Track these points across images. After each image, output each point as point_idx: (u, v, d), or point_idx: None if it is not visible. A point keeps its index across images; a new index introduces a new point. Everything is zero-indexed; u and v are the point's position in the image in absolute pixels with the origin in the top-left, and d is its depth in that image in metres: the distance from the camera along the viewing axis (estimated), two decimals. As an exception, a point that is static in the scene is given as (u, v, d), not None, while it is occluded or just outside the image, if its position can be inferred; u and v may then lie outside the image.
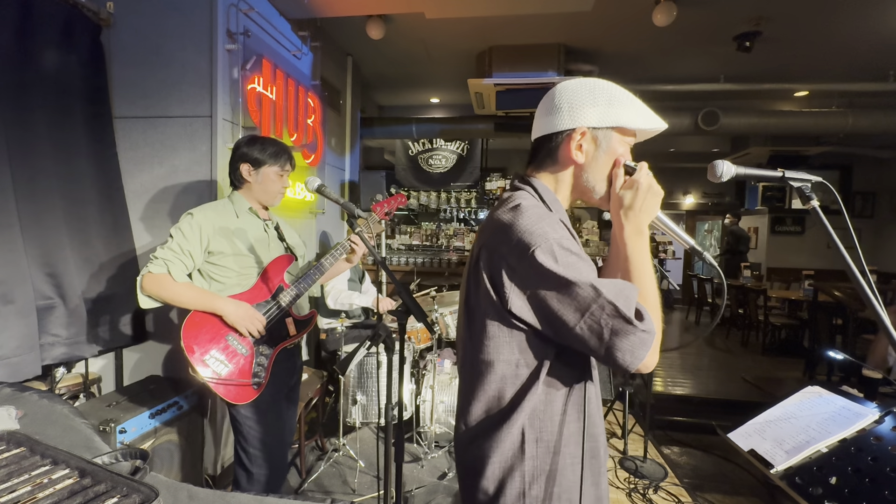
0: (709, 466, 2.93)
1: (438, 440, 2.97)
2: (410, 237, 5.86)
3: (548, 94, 0.94)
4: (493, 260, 0.83)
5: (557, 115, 0.90)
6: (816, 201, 0.82)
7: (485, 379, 0.86)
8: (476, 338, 0.87)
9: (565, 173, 0.93)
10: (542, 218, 0.82)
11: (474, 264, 0.87)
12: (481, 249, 0.85)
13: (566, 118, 0.89)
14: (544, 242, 0.78)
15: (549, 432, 0.85)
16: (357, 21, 3.62)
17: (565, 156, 0.91)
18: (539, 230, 0.80)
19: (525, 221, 0.81)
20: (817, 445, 1.04)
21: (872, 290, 0.76)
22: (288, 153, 1.81)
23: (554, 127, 0.91)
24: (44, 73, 1.94)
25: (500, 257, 0.82)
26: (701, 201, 8.79)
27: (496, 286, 0.82)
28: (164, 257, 1.62)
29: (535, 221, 0.81)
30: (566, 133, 0.90)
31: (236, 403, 1.67)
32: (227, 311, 1.65)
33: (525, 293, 0.80)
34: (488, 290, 0.83)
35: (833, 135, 5.45)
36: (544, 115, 0.92)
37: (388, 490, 1.57)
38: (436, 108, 6.41)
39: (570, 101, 0.89)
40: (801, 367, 4.78)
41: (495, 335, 0.84)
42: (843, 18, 3.58)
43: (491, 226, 0.87)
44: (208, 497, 0.81)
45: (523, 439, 0.84)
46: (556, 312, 0.78)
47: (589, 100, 0.89)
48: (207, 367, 1.61)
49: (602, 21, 3.61)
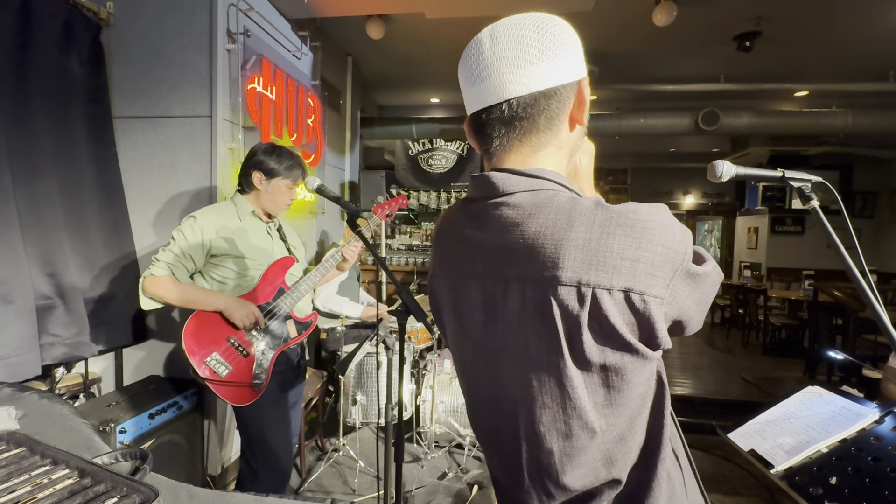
0: (709, 466, 2.93)
1: (438, 440, 2.97)
2: (410, 237, 5.86)
3: (515, 30, 0.62)
4: (632, 300, 0.57)
5: (559, 59, 0.62)
6: (816, 201, 0.82)
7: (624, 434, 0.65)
8: (595, 392, 0.62)
9: (565, 148, 0.68)
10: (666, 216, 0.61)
11: (576, 316, 0.58)
12: (594, 290, 0.57)
13: (569, 63, 0.63)
14: (686, 249, 0.60)
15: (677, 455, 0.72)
16: (357, 21, 3.62)
17: (574, 116, 0.66)
18: (675, 241, 0.59)
19: (651, 236, 0.57)
20: (817, 445, 1.04)
21: (872, 290, 0.76)
22: (302, 168, 1.82)
23: (560, 76, 0.62)
24: (44, 72, 1.93)
25: (640, 295, 0.57)
26: (701, 201, 8.79)
27: (647, 327, 0.58)
28: (166, 260, 1.63)
29: (665, 230, 0.58)
30: (574, 86, 0.64)
31: (237, 405, 1.67)
32: (225, 305, 1.65)
33: (671, 315, 0.61)
34: (624, 338, 0.58)
35: (833, 135, 5.45)
36: (534, 59, 0.61)
37: (388, 490, 1.57)
38: (436, 108, 6.42)
39: (563, 41, 0.62)
40: (801, 367, 4.78)
41: (631, 382, 0.61)
42: (843, 18, 3.58)
43: (584, 252, 0.58)
44: (208, 497, 0.81)
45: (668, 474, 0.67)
46: (696, 314, 0.64)
47: (573, 39, 0.64)
48: (208, 368, 1.62)
49: (602, 21, 3.61)
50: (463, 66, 0.67)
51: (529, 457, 0.67)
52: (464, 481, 2.60)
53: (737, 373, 4.74)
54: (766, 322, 5.61)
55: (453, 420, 2.84)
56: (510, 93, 0.62)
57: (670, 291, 0.59)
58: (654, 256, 0.57)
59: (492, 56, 0.62)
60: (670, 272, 0.58)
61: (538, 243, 0.60)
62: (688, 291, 0.61)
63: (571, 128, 0.67)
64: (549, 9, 0.71)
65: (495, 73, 0.62)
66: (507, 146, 0.67)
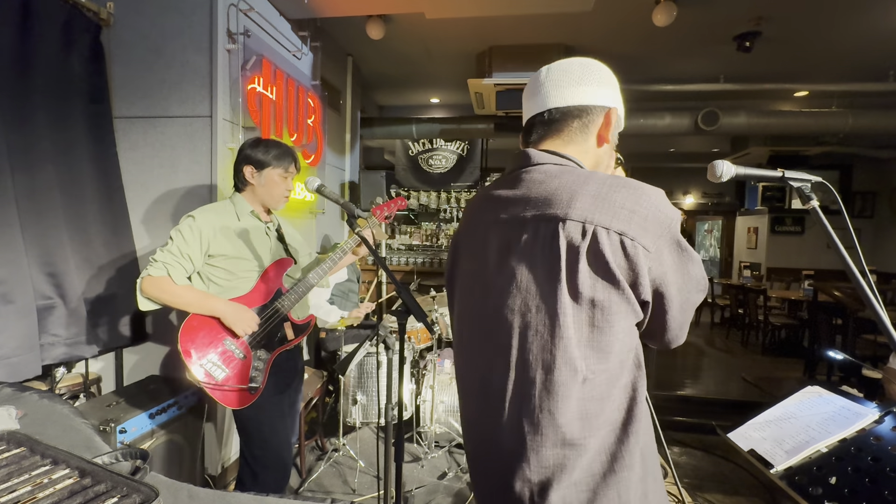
0: (709, 466, 2.93)
1: (438, 440, 2.97)
2: (410, 237, 5.86)
3: (565, 64, 0.85)
4: (624, 244, 0.70)
5: (594, 87, 0.82)
6: (816, 201, 0.82)
7: (601, 385, 0.72)
8: (582, 329, 0.72)
9: (590, 154, 0.85)
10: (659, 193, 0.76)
11: (577, 247, 0.71)
12: (595, 227, 0.70)
13: (602, 93, 0.83)
14: (675, 221, 0.73)
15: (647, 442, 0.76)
16: (357, 21, 3.62)
17: (601, 134, 0.84)
18: (667, 208, 0.73)
19: (648, 198, 0.72)
20: (817, 445, 1.04)
21: (872, 290, 0.76)
22: (292, 155, 1.80)
23: (592, 98, 0.82)
24: (44, 73, 1.93)
25: (631, 240, 0.70)
26: (701, 201, 8.80)
27: (633, 272, 0.70)
28: (164, 260, 1.61)
29: (660, 198, 0.74)
30: (604, 109, 0.83)
31: (233, 408, 1.66)
32: (224, 312, 1.63)
33: (654, 278, 0.72)
34: (614, 275, 0.70)
35: (833, 135, 5.45)
36: (573, 84, 0.82)
37: (388, 490, 1.57)
38: (436, 108, 6.41)
39: (600, 77, 0.83)
40: (801, 367, 4.78)
41: (613, 326, 0.71)
42: (844, 18, 3.58)
43: (593, 199, 0.72)
44: (208, 497, 0.81)
45: (643, 458, 0.73)
46: (677, 295, 0.74)
47: (615, 82, 0.85)
48: (204, 372, 1.59)
49: (602, 21, 3.61)
50: (526, 88, 0.89)
51: (515, 388, 0.76)
52: (464, 481, 2.60)
53: (737, 373, 4.74)
54: (765, 322, 5.61)
55: (453, 420, 2.84)
56: (552, 104, 0.83)
57: (656, 248, 0.71)
58: (648, 212, 0.71)
59: (545, 80, 0.85)
60: (659, 230, 0.71)
61: (557, 194, 0.75)
62: (672, 260, 0.73)
63: (599, 143, 0.85)
64: (548, 9, 0.72)
65: (544, 90, 0.84)
66: (544, 138, 0.86)
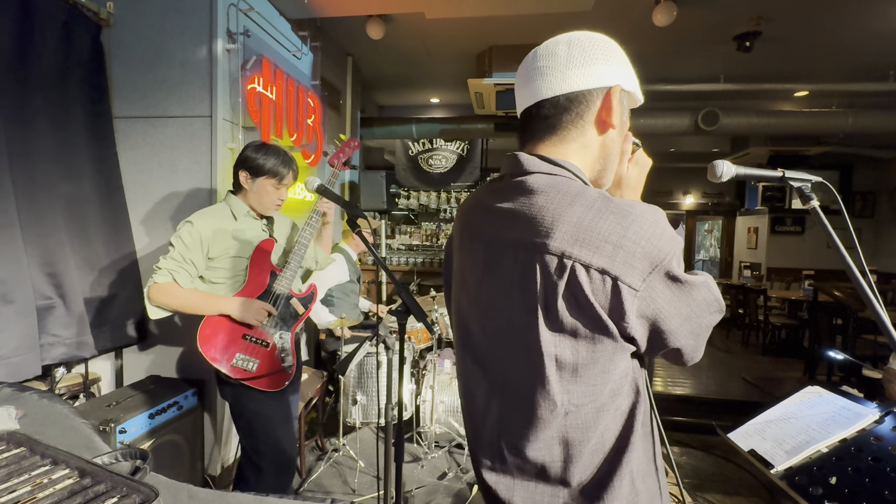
0: (709, 466, 2.93)
1: (438, 440, 2.97)
2: (410, 237, 5.86)
3: (551, 45, 0.73)
4: (605, 283, 0.61)
5: (584, 69, 0.70)
6: (816, 201, 0.82)
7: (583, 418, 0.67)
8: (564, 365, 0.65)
9: (593, 147, 0.73)
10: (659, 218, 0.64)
11: (555, 283, 0.63)
12: (574, 263, 0.61)
13: (596, 73, 0.71)
14: (668, 252, 0.62)
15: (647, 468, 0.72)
16: (357, 21, 3.62)
17: (601, 120, 0.72)
18: (659, 239, 0.62)
19: (639, 228, 0.61)
20: (817, 445, 1.04)
21: (872, 290, 0.76)
22: (290, 167, 1.79)
23: (583, 82, 0.70)
24: (44, 72, 1.93)
25: (613, 279, 0.61)
26: (701, 201, 8.79)
27: (616, 312, 0.62)
28: (168, 267, 1.64)
29: (654, 226, 0.62)
30: (602, 91, 0.71)
31: (271, 390, 1.73)
32: (233, 308, 1.68)
33: (647, 315, 0.64)
34: (595, 313, 0.62)
35: (833, 135, 5.45)
36: (560, 68, 0.71)
37: (388, 490, 1.57)
38: (436, 108, 6.41)
39: (592, 55, 0.71)
40: (801, 367, 4.78)
41: (598, 361, 0.65)
42: (843, 18, 3.58)
43: (575, 228, 0.62)
44: (208, 497, 0.81)
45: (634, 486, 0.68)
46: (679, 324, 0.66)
47: (616, 54, 0.73)
48: (237, 370, 1.66)
49: (602, 21, 3.61)
50: (517, 76, 0.79)
51: (498, 410, 0.73)
52: (464, 481, 2.60)
53: (737, 373, 4.74)
54: (765, 322, 5.62)
55: (453, 420, 2.84)
56: (541, 95, 0.72)
57: (646, 286, 0.62)
58: (636, 247, 0.60)
59: (532, 67, 0.74)
60: (648, 266, 0.61)
61: (539, 215, 0.66)
62: (668, 296, 0.63)
63: (601, 130, 0.73)
64: (548, 9, 0.72)
65: (532, 80, 0.74)
66: (538, 138, 0.75)
